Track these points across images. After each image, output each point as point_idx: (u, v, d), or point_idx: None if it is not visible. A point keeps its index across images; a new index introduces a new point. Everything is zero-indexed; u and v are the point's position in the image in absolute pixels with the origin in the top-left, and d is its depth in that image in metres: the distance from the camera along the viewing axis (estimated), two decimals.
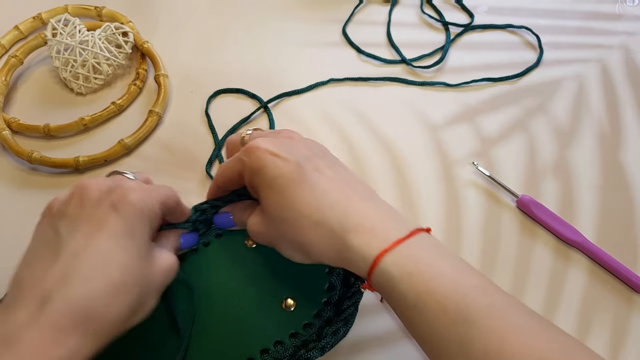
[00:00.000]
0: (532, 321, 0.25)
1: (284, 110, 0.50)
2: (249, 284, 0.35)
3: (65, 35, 0.49)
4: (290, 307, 0.34)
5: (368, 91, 0.51)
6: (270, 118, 0.48)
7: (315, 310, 0.34)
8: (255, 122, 0.49)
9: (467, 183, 0.44)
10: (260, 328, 0.34)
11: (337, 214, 0.29)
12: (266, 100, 0.49)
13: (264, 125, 0.48)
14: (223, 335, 0.34)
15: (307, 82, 0.51)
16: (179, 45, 0.55)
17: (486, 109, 0.50)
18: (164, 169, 0.46)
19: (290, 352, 0.33)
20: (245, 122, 0.48)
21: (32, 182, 0.45)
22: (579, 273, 0.39)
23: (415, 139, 0.47)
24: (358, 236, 0.28)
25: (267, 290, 0.35)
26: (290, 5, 0.59)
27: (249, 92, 0.50)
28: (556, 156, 0.46)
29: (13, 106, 0.50)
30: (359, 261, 0.28)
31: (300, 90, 0.51)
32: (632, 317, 0.37)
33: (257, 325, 0.34)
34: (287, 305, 0.35)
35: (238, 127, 0.48)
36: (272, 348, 0.33)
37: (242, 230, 0.36)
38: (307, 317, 0.34)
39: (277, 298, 0.35)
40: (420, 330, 0.27)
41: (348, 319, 0.33)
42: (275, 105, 0.50)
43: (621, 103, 0.50)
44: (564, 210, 0.42)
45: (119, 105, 0.49)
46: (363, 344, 0.37)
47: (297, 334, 0.34)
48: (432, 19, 0.58)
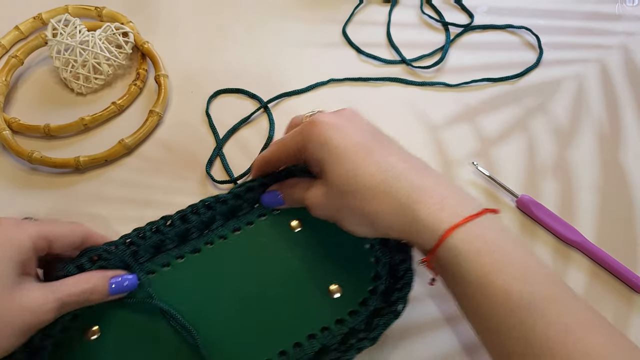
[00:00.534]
0: (598, 319, 0.25)
1: (284, 111, 0.50)
2: (293, 268, 0.35)
3: (66, 36, 0.49)
4: (334, 293, 0.34)
5: (368, 91, 0.51)
6: (270, 118, 0.48)
7: (360, 298, 0.34)
8: (256, 122, 0.49)
9: (467, 183, 0.44)
10: (305, 312, 0.34)
11: (404, 184, 0.28)
12: (266, 101, 0.49)
13: (264, 125, 0.49)
14: (268, 319, 0.33)
15: (307, 82, 0.51)
16: (179, 46, 0.55)
17: (486, 109, 0.50)
18: (164, 169, 0.46)
19: (338, 340, 0.33)
20: (245, 122, 0.48)
21: (32, 182, 0.45)
22: (579, 273, 0.39)
23: (415, 138, 0.48)
24: (427, 208, 0.27)
25: (312, 275, 0.34)
26: (290, 5, 0.59)
27: (249, 92, 0.50)
28: (556, 156, 0.46)
29: (13, 106, 0.50)
30: (427, 233, 0.27)
31: (300, 90, 0.51)
32: (632, 317, 0.37)
33: (301, 309, 0.34)
34: (331, 291, 0.34)
35: (238, 127, 0.48)
36: (319, 333, 0.33)
37: (287, 212, 0.37)
38: (353, 305, 0.34)
39: (323, 283, 0.34)
40: (480, 312, 0.26)
41: (399, 311, 0.33)
42: (276, 105, 0.50)
43: (621, 103, 0.50)
44: (564, 210, 0.43)
45: (119, 106, 0.49)
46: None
47: (344, 321, 0.33)
48: (432, 19, 0.58)
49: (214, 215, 0.36)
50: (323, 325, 0.33)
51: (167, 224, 0.35)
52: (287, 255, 0.36)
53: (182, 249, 0.36)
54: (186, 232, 0.36)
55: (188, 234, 0.36)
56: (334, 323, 0.33)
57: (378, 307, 0.34)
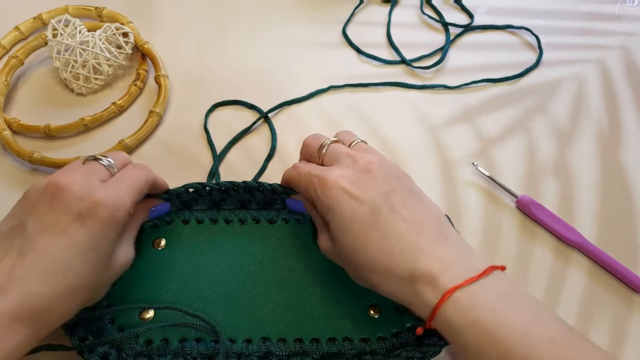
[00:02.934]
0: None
1: (286, 118, 0.49)
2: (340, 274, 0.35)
3: (66, 36, 0.49)
4: (373, 313, 0.35)
5: (368, 93, 0.51)
6: (271, 127, 0.48)
7: (395, 330, 0.34)
8: (258, 130, 0.48)
9: (466, 183, 0.45)
10: (339, 317, 0.34)
11: (407, 260, 0.28)
12: (266, 111, 0.49)
13: (265, 135, 0.48)
14: (304, 310, 0.35)
15: (307, 83, 0.51)
16: (179, 46, 0.55)
17: (486, 110, 0.50)
18: (164, 169, 0.45)
19: (353, 353, 0.33)
20: (246, 132, 0.48)
21: (32, 182, 0.45)
22: (579, 273, 0.39)
23: (415, 139, 0.48)
24: (424, 284, 0.28)
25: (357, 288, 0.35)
26: (290, 5, 0.59)
27: (248, 103, 0.50)
28: (556, 156, 0.46)
29: (14, 107, 0.50)
30: (422, 306, 0.28)
31: (300, 98, 0.50)
32: (632, 317, 0.37)
33: (337, 312, 0.35)
34: (371, 310, 0.35)
35: (240, 137, 0.47)
36: (340, 341, 0.34)
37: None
38: (385, 332, 0.34)
39: (365, 300, 0.35)
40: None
41: (426, 355, 0.32)
42: (276, 114, 0.50)
43: (621, 103, 0.50)
44: (564, 211, 0.43)
45: (119, 106, 0.49)
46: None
47: (369, 341, 0.34)
48: (432, 20, 0.58)
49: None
50: (346, 335, 0.34)
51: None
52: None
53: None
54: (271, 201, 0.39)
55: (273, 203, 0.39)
56: (358, 339, 0.34)
57: (407, 342, 0.33)
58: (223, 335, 0.33)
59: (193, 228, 0.39)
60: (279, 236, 0.38)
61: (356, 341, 0.34)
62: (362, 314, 0.35)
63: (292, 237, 0.38)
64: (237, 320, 0.34)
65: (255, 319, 0.35)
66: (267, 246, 0.38)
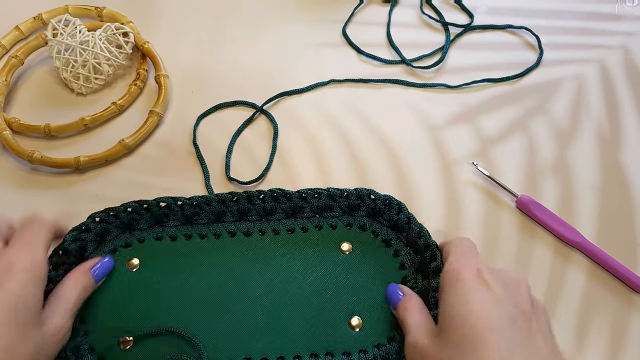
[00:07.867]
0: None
1: (285, 110, 0.50)
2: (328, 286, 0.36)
3: (66, 36, 0.49)
4: (355, 328, 0.35)
5: (368, 91, 0.51)
6: (271, 118, 0.48)
7: (376, 342, 0.34)
8: (257, 131, 0.49)
9: (466, 183, 0.45)
10: (320, 331, 0.35)
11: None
12: (262, 104, 0.49)
13: (265, 136, 0.49)
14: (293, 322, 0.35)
15: (307, 82, 0.51)
16: (179, 46, 0.55)
17: (486, 109, 0.50)
18: (164, 169, 0.46)
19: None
20: (247, 125, 0.48)
21: (32, 182, 0.45)
22: (578, 273, 0.40)
23: (415, 138, 0.48)
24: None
25: (338, 300, 0.35)
26: (290, 5, 0.59)
27: (243, 101, 0.50)
28: (556, 156, 0.46)
29: (14, 106, 0.50)
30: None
31: (300, 90, 0.50)
32: (632, 317, 0.37)
33: (317, 327, 0.35)
34: (351, 324, 0.35)
35: (242, 129, 0.48)
36: (322, 357, 0.34)
37: (343, 233, 0.39)
38: (366, 344, 0.34)
39: (345, 313, 0.35)
40: None
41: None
42: (275, 105, 0.50)
43: (621, 103, 0.50)
44: (564, 210, 0.43)
45: (119, 106, 0.49)
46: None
47: (350, 354, 0.34)
48: (431, 19, 0.58)
49: (274, 208, 0.39)
50: (329, 350, 0.34)
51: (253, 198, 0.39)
52: (327, 272, 0.37)
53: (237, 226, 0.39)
54: (247, 212, 0.39)
55: (249, 213, 0.39)
56: (340, 353, 0.34)
57: (388, 353, 0.34)
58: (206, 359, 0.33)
59: (167, 245, 0.38)
60: (256, 249, 0.38)
61: (338, 355, 0.34)
62: (342, 328, 0.35)
63: (269, 249, 0.38)
64: (218, 342, 0.34)
65: (236, 338, 0.34)
66: (245, 260, 0.37)
